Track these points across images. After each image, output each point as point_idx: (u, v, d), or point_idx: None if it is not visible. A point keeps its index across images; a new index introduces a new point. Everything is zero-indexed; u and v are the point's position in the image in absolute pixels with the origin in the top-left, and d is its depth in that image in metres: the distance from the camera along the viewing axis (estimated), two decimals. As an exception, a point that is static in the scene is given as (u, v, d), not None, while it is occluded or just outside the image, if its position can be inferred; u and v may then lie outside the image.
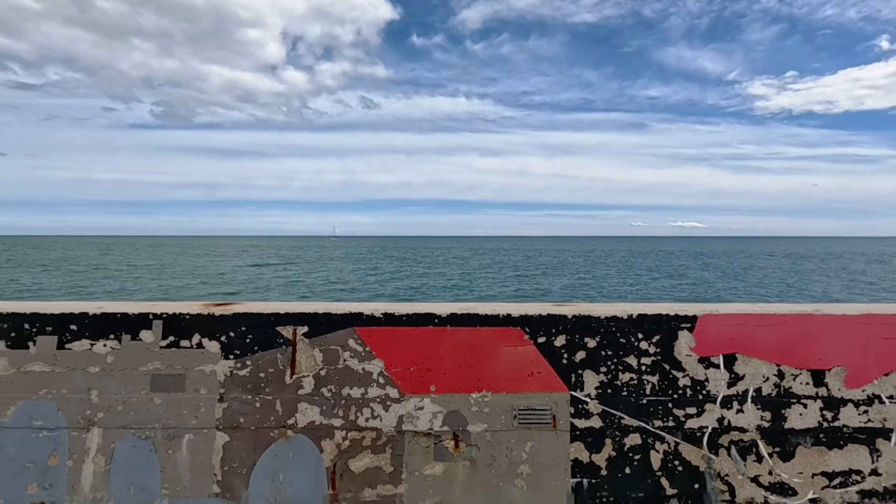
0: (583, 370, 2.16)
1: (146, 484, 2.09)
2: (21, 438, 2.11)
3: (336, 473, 2.10)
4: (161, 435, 2.12)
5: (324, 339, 2.17)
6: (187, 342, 2.17)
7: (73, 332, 2.17)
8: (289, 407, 2.13)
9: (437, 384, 2.14)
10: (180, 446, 2.11)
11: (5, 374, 2.14)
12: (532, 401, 2.14)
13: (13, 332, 2.16)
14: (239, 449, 2.11)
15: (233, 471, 2.10)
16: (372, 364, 2.15)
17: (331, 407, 2.13)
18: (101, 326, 2.17)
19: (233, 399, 2.14)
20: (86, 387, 2.14)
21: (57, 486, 2.08)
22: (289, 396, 2.14)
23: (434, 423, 2.12)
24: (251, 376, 2.15)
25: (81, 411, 2.12)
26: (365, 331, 2.17)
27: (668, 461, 2.13)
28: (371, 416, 2.13)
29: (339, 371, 2.15)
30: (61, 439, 2.11)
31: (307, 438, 2.12)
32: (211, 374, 2.15)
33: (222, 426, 2.12)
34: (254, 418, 2.13)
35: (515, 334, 2.18)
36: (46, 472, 2.09)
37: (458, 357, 2.16)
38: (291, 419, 2.13)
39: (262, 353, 2.16)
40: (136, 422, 2.12)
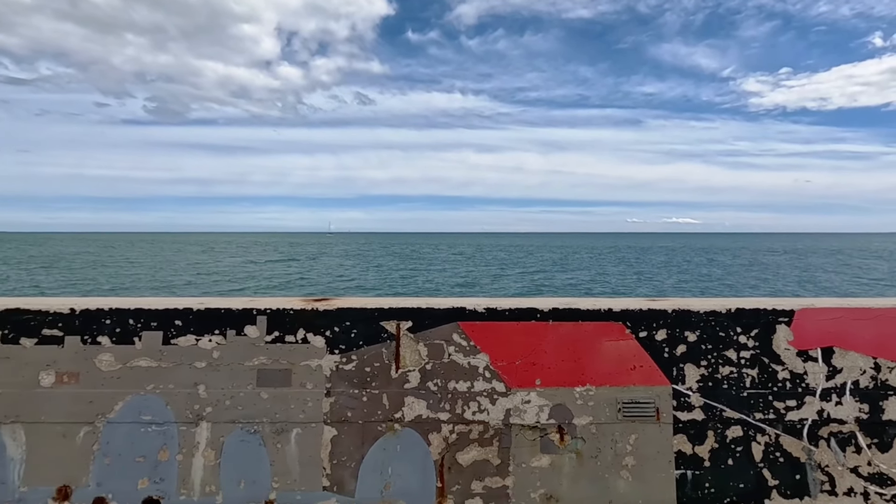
0: (684, 364, 2.19)
1: (256, 478, 2.11)
2: (130, 433, 2.12)
3: (444, 466, 2.13)
4: (269, 429, 2.13)
5: (428, 334, 2.18)
6: (292, 337, 2.18)
7: (177, 327, 2.18)
8: (395, 401, 2.15)
9: (542, 378, 2.17)
10: (289, 440, 2.13)
11: (111, 370, 2.14)
12: (635, 394, 2.17)
13: (118, 328, 2.17)
14: (347, 443, 2.13)
15: (342, 464, 2.12)
16: (477, 358, 2.17)
17: (437, 401, 2.15)
18: (205, 322, 2.18)
19: (339, 393, 2.15)
20: (193, 382, 2.15)
21: (168, 480, 2.10)
22: (395, 390, 2.16)
23: (541, 417, 2.15)
24: (357, 371, 2.17)
25: (190, 406, 2.13)
26: (469, 325, 2.19)
27: (769, 453, 2.16)
28: (478, 410, 2.15)
29: (444, 365, 2.17)
30: (170, 434, 2.12)
31: (415, 432, 2.14)
32: (317, 369, 2.16)
33: (330, 420, 2.14)
34: (361, 412, 2.15)
35: (617, 329, 2.20)
36: (157, 466, 2.10)
37: (562, 351, 2.18)
38: (398, 413, 2.15)
39: (368, 348, 2.18)
40: (244, 416, 2.13)
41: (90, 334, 2.17)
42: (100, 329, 2.17)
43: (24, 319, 2.17)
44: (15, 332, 2.16)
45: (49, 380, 2.14)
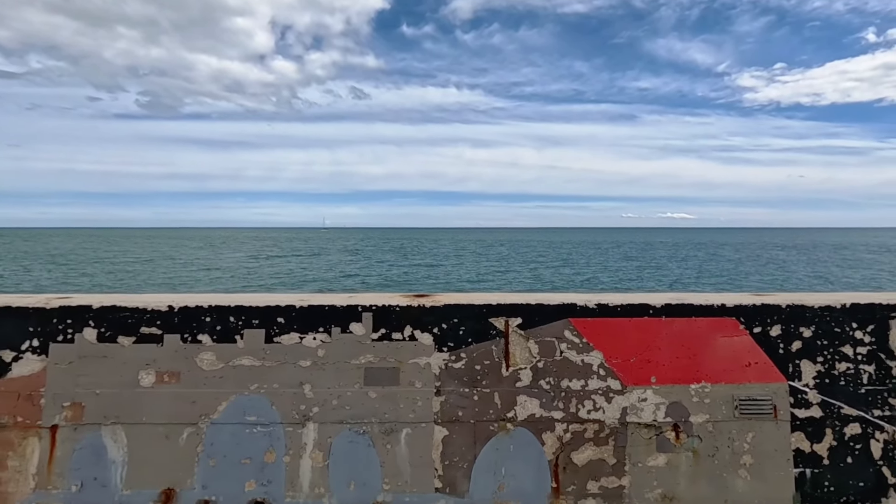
0: (799, 360, 2.14)
1: (367, 479, 2.04)
2: (235, 434, 2.05)
3: (559, 466, 2.07)
4: (378, 429, 2.07)
5: (539, 331, 2.12)
6: (399, 335, 2.11)
7: (280, 325, 2.11)
8: (507, 399, 2.09)
9: (657, 375, 2.11)
10: (399, 441, 2.06)
11: (214, 370, 2.07)
12: (752, 391, 2.11)
13: (218, 326, 2.10)
14: (459, 443, 2.07)
15: (454, 465, 2.06)
16: (591, 356, 2.11)
17: (550, 399, 2.09)
18: (309, 319, 2.11)
19: (450, 392, 2.09)
20: (298, 381, 2.08)
21: (275, 482, 2.03)
22: (507, 389, 2.10)
23: (657, 415, 2.09)
24: (467, 369, 2.10)
25: (296, 406, 2.06)
26: (580, 322, 2.13)
27: (888, 450, 2.11)
28: (593, 409, 2.09)
29: (556, 363, 2.11)
30: (276, 434, 2.05)
31: (528, 431, 2.08)
32: (425, 367, 2.10)
33: (441, 420, 2.07)
34: (472, 411, 2.08)
35: (731, 324, 2.15)
36: (263, 468, 2.04)
37: (676, 348, 2.12)
38: (511, 412, 2.09)
39: (477, 346, 2.12)
40: (352, 416, 2.07)
41: (190, 332, 2.09)
42: (200, 327, 2.10)
43: (121, 317, 2.10)
44: (112, 331, 2.09)
45: (149, 379, 2.06)
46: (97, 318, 2.09)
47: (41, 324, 2.09)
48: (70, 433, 2.04)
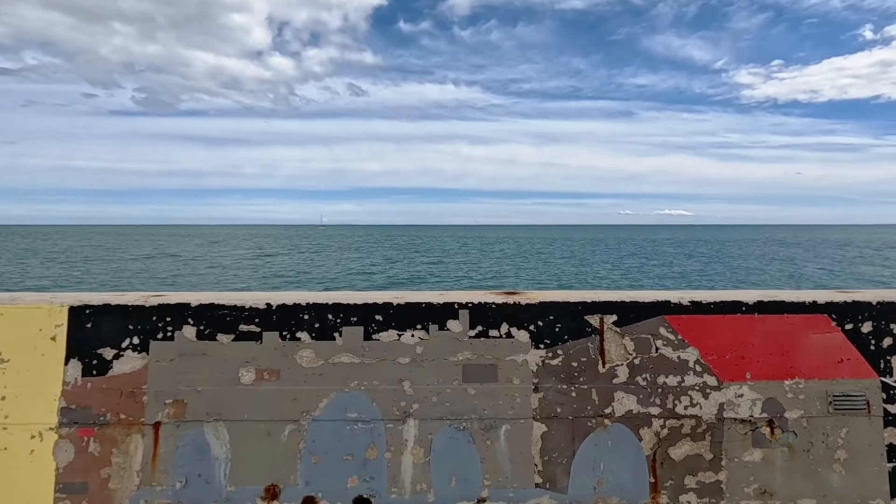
0: (890, 356, 2.16)
1: (467, 475, 2.06)
2: (336, 431, 2.06)
3: (656, 461, 2.09)
4: (478, 426, 2.09)
5: (634, 328, 2.14)
6: (496, 332, 2.13)
7: (378, 322, 2.12)
8: (605, 396, 2.11)
9: (752, 371, 2.13)
10: (498, 437, 2.08)
11: (314, 367, 2.09)
12: (845, 387, 2.14)
13: (317, 324, 2.11)
14: (558, 439, 2.09)
15: (553, 461, 2.08)
16: (687, 352, 2.13)
17: (647, 395, 2.11)
18: (406, 316, 2.13)
19: (548, 389, 2.11)
20: (397, 378, 2.09)
21: (377, 478, 2.05)
22: (604, 385, 2.12)
23: (753, 410, 2.11)
24: (564, 366, 2.12)
25: (396, 402, 2.08)
26: (675, 319, 2.15)
27: None
28: (690, 404, 2.11)
29: (652, 360, 2.13)
30: (377, 431, 2.07)
31: (625, 427, 2.10)
32: (522, 364, 2.12)
33: (539, 416, 2.09)
34: (570, 408, 2.10)
35: (822, 321, 2.17)
36: (365, 464, 2.05)
37: (769, 344, 2.14)
38: (608, 408, 2.11)
39: (573, 343, 2.13)
40: (452, 413, 2.08)
41: (289, 330, 2.10)
42: (298, 324, 2.11)
43: (219, 315, 2.11)
44: (211, 328, 2.10)
45: (249, 377, 2.08)
46: (196, 316, 2.10)
47: (141, 322, 2.10)
48: (173, 430, 2.05)
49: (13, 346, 2.06)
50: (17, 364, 2.06)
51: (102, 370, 2.07)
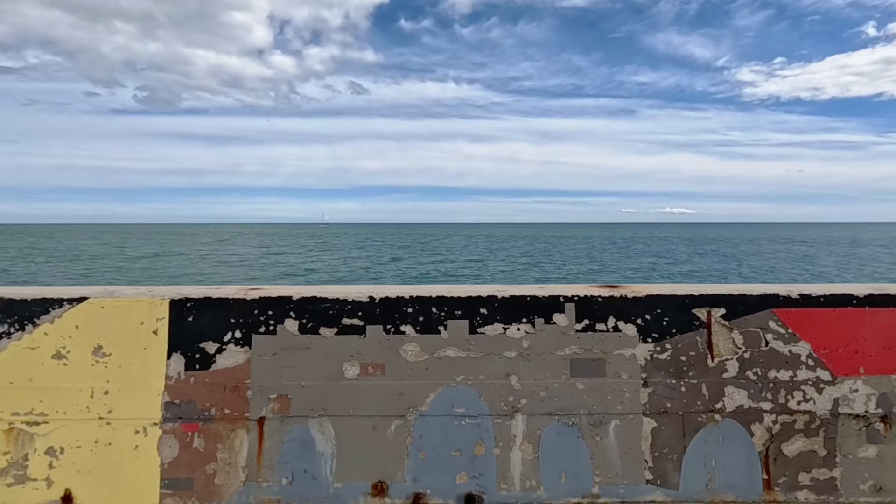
0: None
1: (577, 471, 2.02)
2: (444, 427, 2.03)
3: (769, 458, 2.05)
4: (586, 421, 2.04)
5: (742, 322, 2.09)
6: (602, 325, 2.08)
7: (483, 315, 2.08)
8: (715, 391, 2.07)
9: (865, 366, 2.08)
10: (607, 432, 2.04)
11: (419, 361, 2.05)
12: None
13: (421, 317, 2.07)
14: (668, 434, 2.05)
15: (663, 457, 2.03)
16: (798, 346, 2.08)
17: (758, 390, 2.07)
18: (511, 310, 2.09)
19: (657, 384, 2.06)
20: (504, 372, 2.05)
21: (486, 474, 2.01)
22: (713, 380, 2.07)
23: (868, 406, 2.07)
24: (672, 360, 2.08)
25: (503, 398, 2.04)
26: (784, 312, 2.10)
27: None
28: (803, 399, 2.06)
29: (762, 353, 2.08)
30: (485, 427, 2.03)
31: (736, 423, 2.05)
32: (631, 359, 2.07)
33: (649, 411, 2.05)
34: (680, 403, 2.06)
35: None
36: (473, 460, 2.02)
37: (881, 338, 2.10)
38: (719, 403, 2.06)
39: (681, 336, 2.09)
40: (560, 408, 2.04)
41: (393, 323, 2.07)
42: (402, 318, 2.07)
43: (321, 308, 2.07)
44: (314, 322, 2.06)
45: (353, 371, 2.04)
46: (298, 310, 2.07)
47: (242, 315, 2.06)
48: (277, 425, 2.02)
49: (115, 340, 2.03)
50: (118, 358, 2.03)
51: (205, 364, 2.03)
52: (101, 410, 2.00)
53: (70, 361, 2.02)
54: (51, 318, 2.03)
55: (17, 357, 2.01)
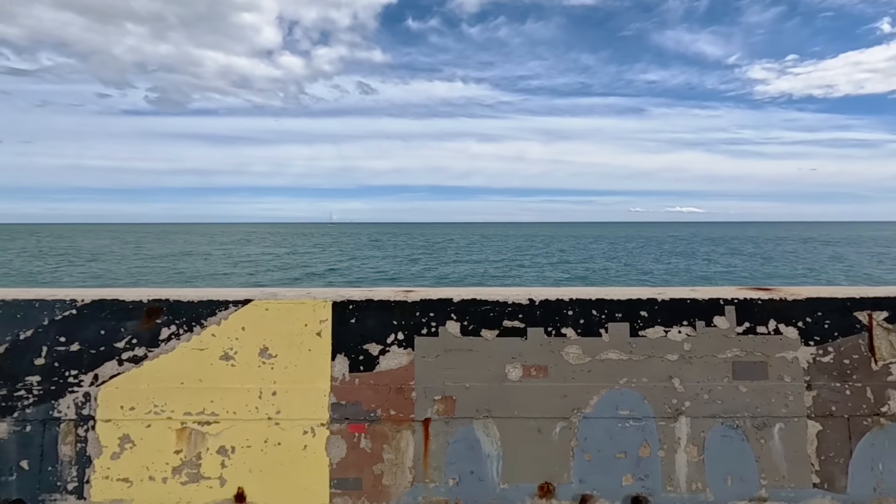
0: None
1: (743, 474, 2.01)
2: (608, 429, 2.03)
3: None
4: (750, 423, 2.04)
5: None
6: (763, 328, 2.07)
7: (643, 318, 2.08)
8: (879, 394, 2.05)
9: None
10: (772, 435, 2.03)
11: (581, 363, 2.05)
12: None
13: (581, 319, 2.08)
14: (833, 438, 2.03)
15: (829, 460, 2.02)
16: None
17: None
18: (671, 313, 2.08)
19: (821, 387, 2.05)
20: (667, 375, 2.05)
21: (652, 476, 2.01)
22: (877, 383, 2.05)
23: None
24: (836, 363, 2.06)
25: (667, 400, 2.04)
26: None
27: None
28: None
29: None
30: (649, 429, 2.03)
31: None
32: (793, 361, 2.06)
33: (814, 415, 2.04)
34: (845, 406, 2.04)
35: None
36: (639, 462, 2.02)
37: None
38: (884, 407, 2.04)
39: (843, 339, 2.07)
40: (724, 410, 2.04)
41: (553, 326, 2.07)
42: (563, 320, 2.08)
43: (482, 311, 2.08)
44: (475, 324, 2.07)
45: (516, 373, 2.05)
46: (459, 312, 2.08)
47: (404, 317, 2.08)
48: (442, 427, 2.03)
49: (280, 342, 2.06)
50: (284, 359, 2.05)
51: (369, 366, 2.05)
52: (270, 411, 2.03)
53: (237, 362, 2.05)
54: (217, 319, 2.07)
55: (186, 358, 2.05)
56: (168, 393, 2.03)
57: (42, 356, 2.04)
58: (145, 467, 2.00)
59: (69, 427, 2.01)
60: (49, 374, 2.03)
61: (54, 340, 2.05)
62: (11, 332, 2.05)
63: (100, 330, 2.06)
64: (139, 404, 2.02)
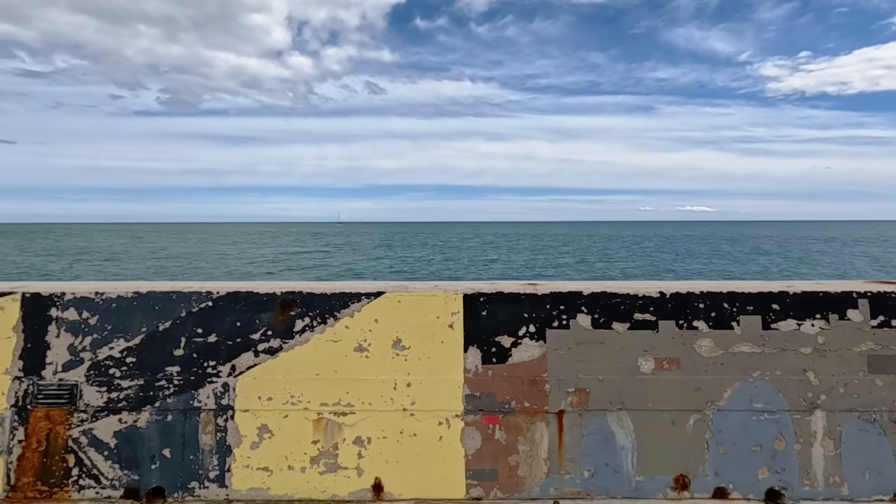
0: None
1: (882, 469, 2.00)
2: (743, 421, 2.03)
3: None
4: (887, 418, 2.02)
5: None
6: None
7: (775, 311, 2.07)
8: None
9: None
10: None
11: (714, 356, 2.05)
12: None
13: (713, 312, 2.08)
14: None
15: None
16: None
17: None
18: (802, 306, 2.07)
19: None
20: (801, 368, 2.04)
21: (788, 470, 2.00)
22: None
23: None
24: None
25: (802, 393, 2.03)
26: None
27: None
28: None
29: None
30: (784, 422, 2.02)
31: None
32: None
33: None
34: None
35: None
36: (774, 456, 2.01)
37: None
38: None
39: None
40: (860, 404, 2.03)
41: (685, 319, 2.07)
42: (694, 313, 2.08)
43: (613, 304, 2.09)
44: (606, 317, 2.08)
45: (648, 366, 2.05)
46: (589, 305, 2.09)
47: (535, 310, 2.09)
48: (576, 419, 2.04)
49: (412, 334, 2.08)
50: (417, 351, 2.07)
51: (502, 358, 2.07)
52: (405, 402, 2.05)
53: (371, 354, 2.07)
54: (350, 311, 2.09)
55: (321, 349, 2.08)
56: (304, 384, 2.06)
57: (181, 347, 2.08)
58: (284, 457, 2.03)
59: (209, 417, 2.05)
60: (188, 365, 2.07)
61: (192, 332, 2.09)
62: (150, 323, 2.09)
63: (235, 322, 2.09)
64: (276, 395, 2.05)
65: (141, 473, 2.03)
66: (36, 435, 2.04)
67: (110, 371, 2.07)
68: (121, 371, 2.07)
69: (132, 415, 2.05)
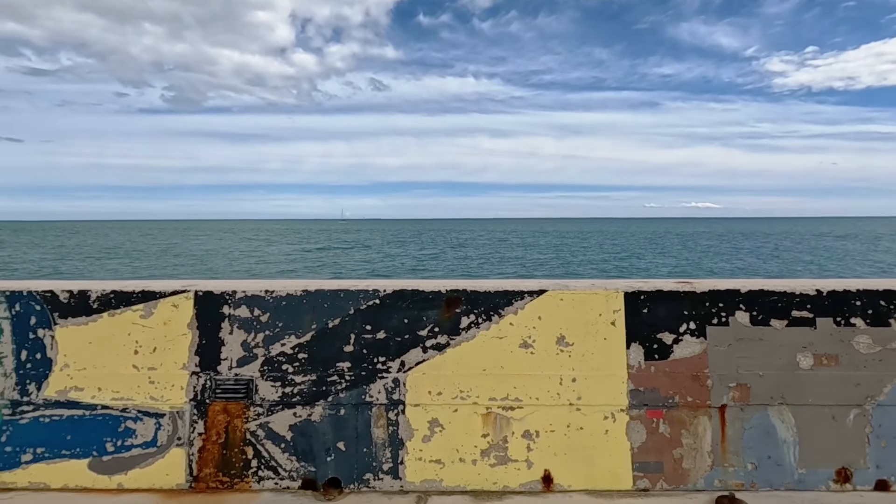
0: None
1: None
2: None
3: None
4: None
5: None
6: None
7: None
8: None
9: None
10: None
11: (872, 353, 2.10)
12: None
13: (869, 310, 2.13)
14: None
15: None
16: None
17: None
18: None
19: None
20: None
21: None
22: None
23: None
24: None
25: None
26: None
27: None
28: None
29: None
30: None
31: None
32: None
33: None
34: None
35: None
36: None
37: None
38: None
39: None
40: None
41: (842, 316, 2.13)
42: (850, 310, 2.13)
43: (770, 301, 2.14)
44: (764, 314, 2.14)
45: (807, 362, 2.11)
46: (747, 302, 2.15)
47: (694, 307, 2.15)
48: (738, 413, 2.10)
49: (575, 331, 2.15)
50: (581, 348, 2.14)
51: (664, 354, 2.13)
52: (571, 397, 2.12)
53: (536, 350, 2.14)
54: (514, 309, 2.16)
55: (486, 346, 2.15)
56: (472, 379, 2.13)
57: (350, 343, 2.16)
58: (455, 450, 2.11)
59: (380, 411, 2.12)
60: (358, 361, 2.15)
61: (361, 328, 2.16)
62: (319, 320, 2.17)
63: (403, 319, 2.17)
64: (445, 390, 2.13)
65: (317, 465, 2.11)
66: (215, 428, 2.13)
67: (283, 367, 2.15)
68: (293, 367, 2.15)
69: (306, 409, 2.13)
